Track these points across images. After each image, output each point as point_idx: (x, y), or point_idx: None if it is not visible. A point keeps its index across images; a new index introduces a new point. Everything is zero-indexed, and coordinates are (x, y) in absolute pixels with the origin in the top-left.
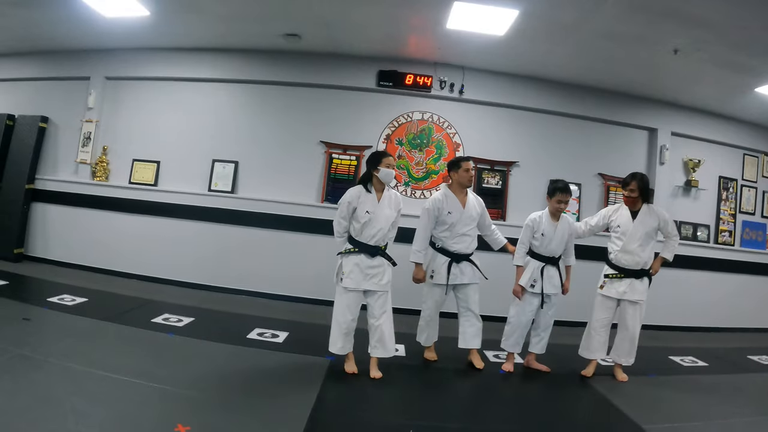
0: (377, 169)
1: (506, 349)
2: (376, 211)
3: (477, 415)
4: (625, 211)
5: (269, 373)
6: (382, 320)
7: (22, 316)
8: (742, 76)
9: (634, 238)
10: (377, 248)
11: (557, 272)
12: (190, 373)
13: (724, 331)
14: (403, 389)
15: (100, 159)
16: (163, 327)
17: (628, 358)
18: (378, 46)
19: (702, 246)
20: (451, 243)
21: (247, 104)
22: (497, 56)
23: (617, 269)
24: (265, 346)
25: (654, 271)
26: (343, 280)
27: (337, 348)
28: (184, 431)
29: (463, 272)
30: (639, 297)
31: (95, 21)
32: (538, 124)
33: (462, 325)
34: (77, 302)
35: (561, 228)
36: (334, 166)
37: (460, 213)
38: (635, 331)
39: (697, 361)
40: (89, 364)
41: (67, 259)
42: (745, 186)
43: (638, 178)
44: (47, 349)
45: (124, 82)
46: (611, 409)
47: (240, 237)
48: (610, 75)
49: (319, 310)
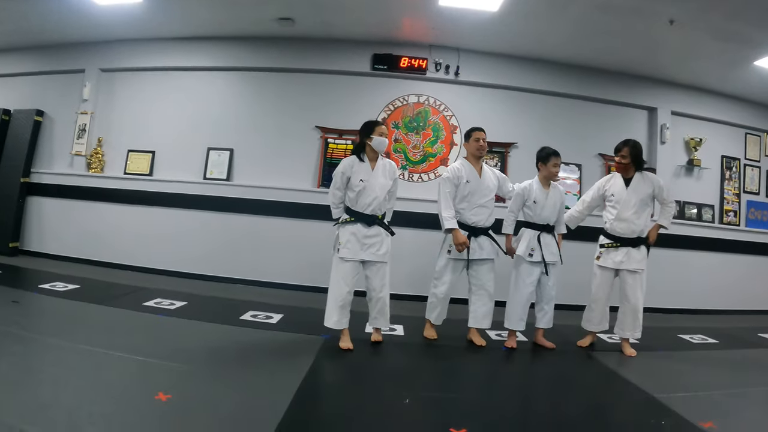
0: (370, 137)
1: (510, 327)
2: (370, 179)
3: (479, 387)
4: (618, 179)
5: (260, 348)
6: (383, 292)
7: (11, 299)
8: (740, 47)
9: (629, 206)
10: (374, 217)
11: (553, 240)
12: (176, 348)
13: (733, 314)
14: (400, 363)
15: (95, 151)
16: (154, 310)
17: (633, 331)
18: (372, 29)
19: (707, 226)
20: (470, 215)
21: (242, 91)
22: (492, 35)
23: (613, 238)
24: (258, 326)
25: (651, 240)
26: (340, 250)
27: (333, 322)
28: (165, 398)
29: (482, 246)
30: (637, 266)
31: (88, 10)
32: (536, 105)
33: (473, 304)
34: (69, 288)
35: (552, 195)
36: (330, 151)
37: (478, 182)
38: (637, 302)
39: (707, 339)
40: (73, 341)
41: (62, 252)
42: (748, 165)
43: (630, 145)
44: (32, 326)
45: (119, 74)
46: (619, 380)
47: (235, 225)
48: (607, 53)
49: (317, 297)
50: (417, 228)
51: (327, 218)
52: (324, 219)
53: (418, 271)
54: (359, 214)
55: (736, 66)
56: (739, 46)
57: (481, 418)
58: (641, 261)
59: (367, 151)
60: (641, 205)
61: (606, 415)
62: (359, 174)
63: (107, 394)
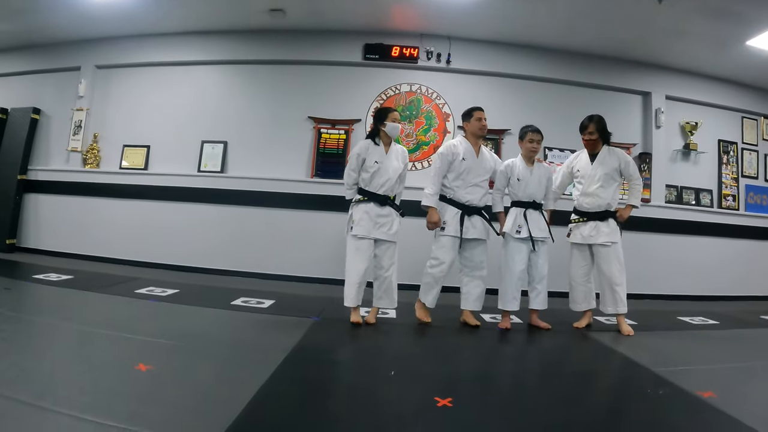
0: (384, 123)
1: (503, 308)
2: (384, 161)
3: (469, 361)
4: (584, 155)
5: (248, 328)
6: (391, 271)
7: (3, 287)
8: (731, 26)
9: (594, 180)
10: (386, 197)
11: (541, 216)
12: (163, 327)
13: (734, 299)
14: (391, 340)
15: (91, 146)
16: (147, 296)
17: (615, 306)
18: (363, 18)
19: (706, 211)
20: (463, 193)
21: (235, 84)
22: (481, 22)
23: (580, 214)
24: (249, 310)
25: (621, 217)
26: (354, 227)
27: (351, 300)
28: (145, 369)
29: (474, 226)
30: (606, 239)
31: (82, 6)
32: (529, 91)
33: (466, 285)
34: (62, 279)
35: (537, 172)
36: (323, 141)
37: (474, 160)
38: (612, 275)
39: (707, 320)
40: (61, 319)
41: (59, 248)
42: (745, 149)
43: (595, 120)
44: (22, 309)
45: (114, 70)
46: (615, 355)
47: (229, 216)
48: (597, 36)
49: (310, 286)
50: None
51: (321, 208)
52: (317, 209)
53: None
54: (372, 194)
55: (728, 46)
56: (731, 24)
57: (469, 390)
58: (611, 234)
59: (381, 135)
60: (606, 179)
61: (600, 388)
62: (374, 156)
63: (87, 364)
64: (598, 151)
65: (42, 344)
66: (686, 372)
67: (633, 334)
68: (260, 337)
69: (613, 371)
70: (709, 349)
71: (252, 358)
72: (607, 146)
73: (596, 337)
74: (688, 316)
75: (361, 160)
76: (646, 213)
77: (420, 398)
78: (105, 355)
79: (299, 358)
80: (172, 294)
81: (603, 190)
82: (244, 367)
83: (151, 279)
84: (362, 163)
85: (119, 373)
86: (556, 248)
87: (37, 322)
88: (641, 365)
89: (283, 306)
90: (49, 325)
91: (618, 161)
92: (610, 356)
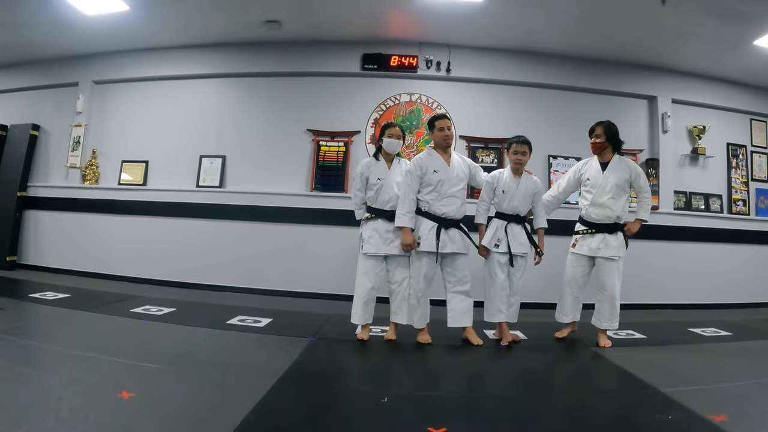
0: (381, 140)
1: (489, 320)
2: (387, 177)
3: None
4: (594, 163)
5: (241, 350)
6: (404, 285)
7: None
8: (737, 26)
9: (605, 190)
10: (393, 213)
11: (522, 231)
12: (153, 350)
13: (747, 307)
14: (386, 361)
15: (90, 162)
16: (141, 315)
17: (610, 322)
18: (360, 28)
19: (716, 217)
20: (439, 205)
21: (233, 98)
22: (481, 28)
23: (588, 225)
24: (244, 330)
25: (629, 231)
26: (364, 246)
27: (357, 317)
28: (128, 397)
29: (452, 240)
30: (614, 253)
31: (77, 21)
32: (532, 99)
33: (450, 302)
34: (58, 297)
35: (524, 185)
36: (322, 154)
37: (446, 171)
38: (614, 290)
39: (720, 331)
40: (48, 342)
41: (59, 264)
42: (755, 152)
43: (604, 125)
44: (9, 329)
45: (111, 85)
46: (623, 375)
47: (228, 231)
48: (601, 41)
49: (309, 302)
50: None
51: (321, 222)
52: (318, 224)
53: None
54: (380, 211)
55: (734, 47)
56: (737, 24)
57: (465, 416)
58: (618, 248)
59: (382, 152)
60: (618, 190)
61: (604, 411)
62: (376, 173)
63: (69, 390)
64: (609, 159)
65: (25, 370)
66: (697, 392)
67: (610, 346)
68: (253, 359)
69: (620, 394)
70: (722, 364)
71: (241, 382)
72: (618, 155)
73: (603, 354)
74: (699, 327)
75: (365, 178)
76: (654, 221)
77: (412, 428)
78: (89, 381)
79: (290, 382)
80: (168, 313)
81: (614, 201)
82: (231, 392)
83: (148, 297)
84: (366, 181)
85: (100, 402)
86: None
87: (24, 345)
88: (650, 385)
89: (280, 325)
90: (36, 348)
91: (629, 172)
92: (617, 376)
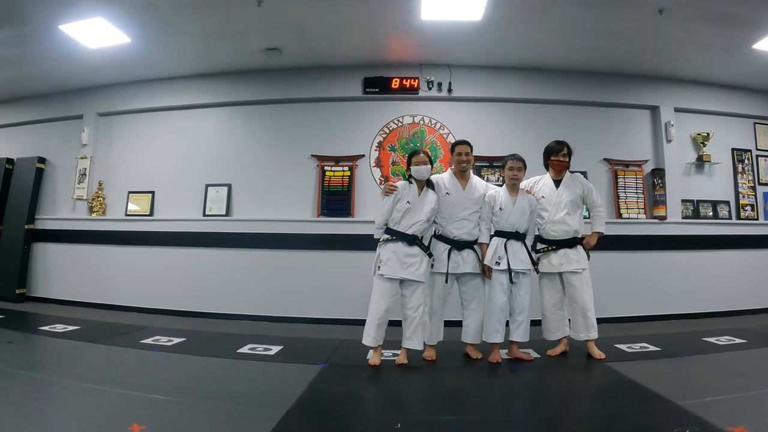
0: (410, 169)
1: (485, 340)
2: (416, 202)
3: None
4: (547, 180)
5: (252, 379)
6: (419, 311)
7: (7, 340)
8: (736, 30)
9: (560, 206)
10: (414, 237)
11: (523, 248)
12: (163, 381)
13: (760, 312)
14: (398, 386)
15: (96, 194)
16: (151, 346)
17: (587, 332)
18: (360, 52)
19: (725, 224)
20: (452, 228)
21: (236, 126)
22: (480, 47)
23: (548, 242)
24: (255, 358)
25: (588, 244)
26: (381, 267)
27: (370, 339)
28: (139, 430)
29: (465, 260)
30: (576, 266)
31: (81, 54)
32: (535, 115)
33: (466, 318)
34: (68, 330)
35: (520, 203)
36: (327, 179)
37: (459, 194)
38: (584, 302)
39: (734, 339)
40: (58, 376)
41: (68, 296)
42: (761, 156)
43: (567, 144)
44: (19, 363)
45: (116, 117)
46: (639, 389)
47: (236, 260)
48: (600, 53)
49: (319, 328)
50: None
51: (328, 248)
52: (325, 249)
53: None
54: (401, 234)
55: (734, 52)
56: (735, 29)
57: None
58: (580, 261)
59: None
60: (572, 206)
61: (619, 427)
62: (407, 196)
63: (80, 425)
64: (562, 177)
65: (35, 404)
66: (714, 403)
67: (604, 357)
68: (264, 388)
69: (637, 410)
70: (738, 373)
71: (251, 413)
72: (570, 172)
73: (616, 368)
74: (714, 336)
75: (397, 200)
76: (663, 231)
77: None
78: (99, 415)
79: (302, 411)
80: (177, 343)
81: (570, 217)
82: (241, 423)
83: (157, 327)
84: (396, 203)
85: None
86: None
87: (35, 379)
88: (666, 399)
89: (291, 352)
90: (46, 382)
91: (582, 188)
92: (633, 391)
